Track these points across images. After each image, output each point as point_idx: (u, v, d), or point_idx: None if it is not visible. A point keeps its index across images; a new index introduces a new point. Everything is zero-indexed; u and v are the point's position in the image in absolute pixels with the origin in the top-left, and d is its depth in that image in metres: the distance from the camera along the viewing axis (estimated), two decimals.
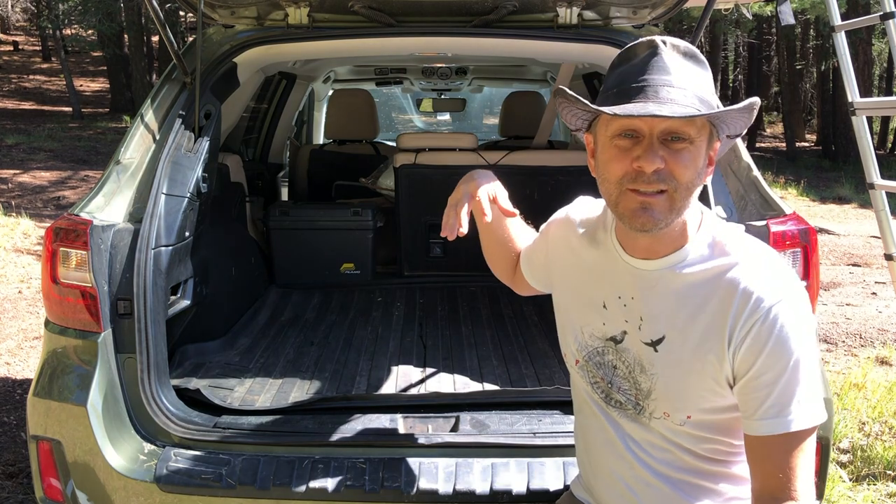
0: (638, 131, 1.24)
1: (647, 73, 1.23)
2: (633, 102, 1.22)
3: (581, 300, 1.48)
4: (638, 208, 1.25)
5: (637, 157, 1.23)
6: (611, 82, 1.30)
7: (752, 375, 1.23)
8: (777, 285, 1.25)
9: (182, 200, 2.29)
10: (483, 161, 3.73)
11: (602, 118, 1.29)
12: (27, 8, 19.35)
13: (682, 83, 1.23)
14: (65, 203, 9.71)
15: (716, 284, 1.28)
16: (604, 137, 1.29)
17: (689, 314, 1.30)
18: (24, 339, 4.87)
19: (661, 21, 2.56)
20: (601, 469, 1.49)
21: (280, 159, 4.84)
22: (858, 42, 16.25)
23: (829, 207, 12.02)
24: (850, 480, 3.09)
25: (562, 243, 1.56)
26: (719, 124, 1.28)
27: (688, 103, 1.21)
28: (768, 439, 1.23)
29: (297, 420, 2.10)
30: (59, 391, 2.02)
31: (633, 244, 1.37)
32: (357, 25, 2.56)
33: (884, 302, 5.92)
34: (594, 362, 1.45)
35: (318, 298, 3.51)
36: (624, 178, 1.25)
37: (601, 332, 1.43)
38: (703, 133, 1.25)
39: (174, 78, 2.45)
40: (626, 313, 1.38)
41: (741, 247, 1.31)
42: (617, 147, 1.26)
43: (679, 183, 1.23)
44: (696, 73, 1.26)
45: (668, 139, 1.23)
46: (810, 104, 26.35)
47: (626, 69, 1.28)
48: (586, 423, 1.53)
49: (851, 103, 3.29)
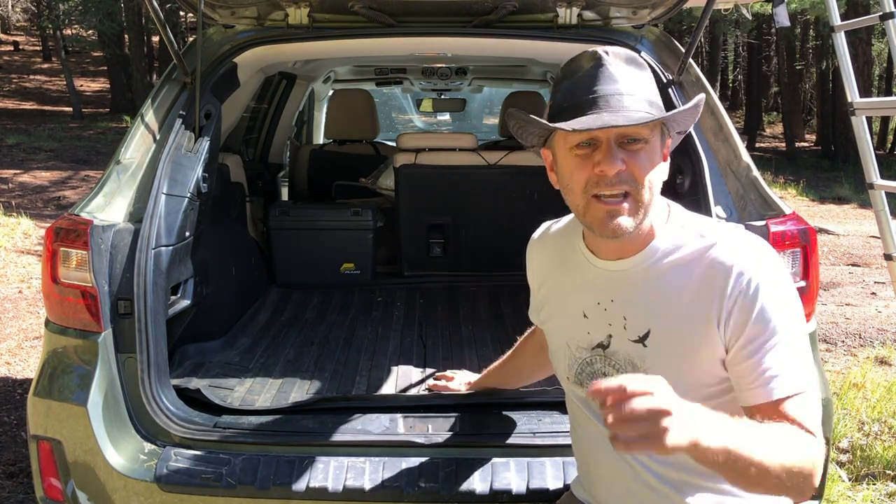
0: (595, 139, 1.30)
1: (597, 85, 1.30)
2: (588, 115, 1.28)
3: (564, 318, 1.51)
4: (605, 217, 1.30)
5: (598, 161, 1.28)
6: (560, 97, 1.36)
7: (742, 344, 1.26)
8: (755, 256, 1.29)
9: (182, 200, 2.29)
10: (483, 161, 3.73)
11: (559, 132, 1.33)
12: (27, 8, 19.36)
13: (631, 90, 1.30)
14: (65, 203, 9.71)
15: (693, 268, 1.32)
16: (563, 150, 1.35)
17: (669, 303, 1.33)
18: (24, 339, 4.87)
19: (661, 21, 2.56)
20: (601, 474, 1.50)
21: (280, 159, 4.84)
22: (858, 42, 16.23)
23: (829, 207, 12.02)
24: (849, 480, 3.10)
25: (540, 269, 1.62)
26: (670, 123, 1.35)
27: (639, 108, 1.28)
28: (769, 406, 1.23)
29: (297, 420, 2.10)
30: (60, 391, 2.02)
31: (603, 248, 1.41)
32: (357, 25, 2.56)
33: (883, 302, 5.92)
34: (586, 373, 1.46)
35: (318, 298, 3.51)
36: (588, 184, 1.30)
37: (587, 342, 1.45)
38: (656, 132, 1.32)
39: (174, 78, 2.45)
40: (608, 317, 1.41)
41: (714, 229, 1.37)
42: (578, 157, 1.31)
43: (639, 183, 1.29)
44: (641, 77, 1.34)
45: (624, 142, 1.29)
46: (810, 104, 26.34)
47: (574, 83, 1.33)
48: (583, 431, 1.54)
49: (851, 103, 3.29)
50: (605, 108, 1.27)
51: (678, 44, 2.58)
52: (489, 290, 3.59)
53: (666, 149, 1.37)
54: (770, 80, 27.04)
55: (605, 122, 1.24)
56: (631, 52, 1.37)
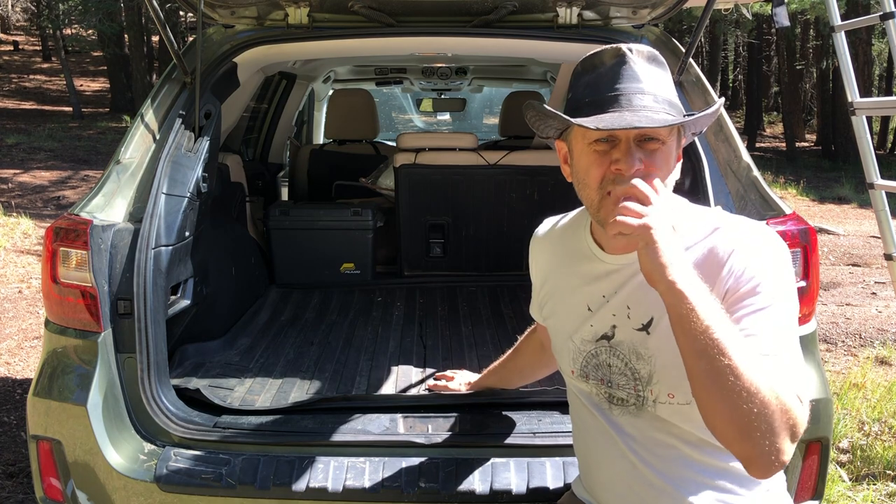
0: (614, 136, 1.30)
1: (619, 82, 1.30)
2: (610, 112, 1.28)
3: (568, 313, 1.51)
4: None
5: (616, 160, 1.29)
6: (581, 91, 1.35)
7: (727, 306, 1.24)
8: (756, 239, 1.31)
9: (182, 200, 2.29)
10: (483, 161, 3.73)
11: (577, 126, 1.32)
12: (27, 8, 19.34)
13: (652, 89, 1.30)
14: (65, 203, 9.72)
15: (694, 252, 1.32)
16: (580, 145, 1.34)
17: None
18: (24, 339, 4.87)
19: (661, 21, 2.56)
20: (602, 472, 1.50)
21: (280, 159, 4.85)
22: (858, 42, 16.24)
23: (829, 207, 12.02)
24: (849, 480, 3.10)
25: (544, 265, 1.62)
26: (688, 125, 1.35)
27: (659, 108, 1.28)
28: None
29: (297, 420, 2.10)
30: (60, 391, 2.02)
31: (611, 243, 1.41)
32: (357, 25, 2.56)
33: (883, 302, 5.92)
34: (591, 365, 1.46)
35: (318, 298, 3.51)
36: (604, 180, 1.30)
37: (591, 334, 1.45)
38: (673, 134, 1.33)
39: (174, 78, 2.45)
40: (612, 308, 1.41)
41: (715, 215, 1.39)
42: (596, 152, 1.31)
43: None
44: (662, 76, 1.34)
45: (642, 141, 1.29)
46: (810, 104, 26.34)
47: (595, 78, 1.33)
48: (585, 428, 1.54)
49: (851, 103, 3.29)
50: (628, 107, 1.27)
51: (678, 44, 2.58)
52: (489, 290, 3.59)
53: (680, 149, 1.38)
54: (770, 80, 27.06)
55: (628, 122, 1.24)
56: (653, 51, 1.36)
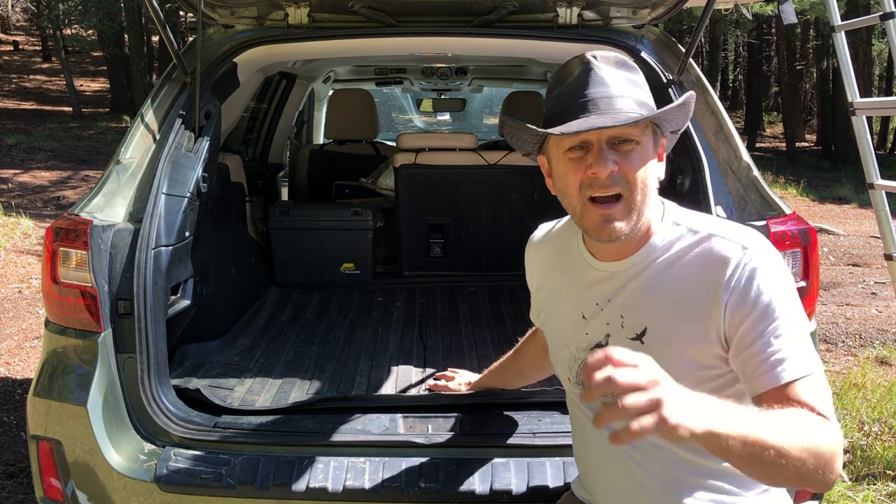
0: (587, 142, 1.31)
1: (587, 89, 1.32)
2: (578, 118, 1.29)
3: (563, 320, 1.52)
4: (601, 221, 1.32)
5: (590, 164, 1.30)
6: (552, 103, 1.38)
7: (743, 332, 1.25)
8: (750, 247, 1.30)
9: (182, 200, 2.29)
10: (483, 161, 3.73)
11: (553, 138, 1.35)
12: (27, 8, 19.34)
13: (619, 91, 1.32)
14: (65, 203, 9.72)
15: (688, 262, 1.33)
16: (557, 155, 1.36)
17: (665, 298, 1.34)
18: (24, 339, 4.87)
19: (661, 21, 2.56)
20: (601, 474, 1.51)
21: (280, 159, 4.85)
22: (858, 42, 16.23)
23: (829, 207, 12.02)
24: (849, 480, 3.10)
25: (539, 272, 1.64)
26: (661, 122, 1.36)
27: (628, 109, 1.30)
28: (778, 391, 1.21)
29: (297, 420, 2.10)
30: (60, 391, 2.02)
31: (602, 250, 1.43)
32: (357, 25, 2.56)
33: (883, 302, 5.92)
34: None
35: (318, 298, 3.51)
36: (582, 186, 1.32)
37: (586, 342, 1.46)
38: (647, 132, 1.33)
39: (174, 78, 2.45)
40: (606, 316, 1.42)
41: (707, 223, 1.38)
42: (571, 160, 1.33)
43: (632, 184, 1.30)
44: (630, 79, 1.35)
45: (615, 143, 1.30)
46: (810, 104, 26.32)
47: (565, 89, 1.35)
48: (583, 432, 1.54)
49: (851, 103, 3.29)
50: (595, 112, 1.29)
51: (678, 44, 2.58)
52: (489, 290, 3.59)
53: (661, 149, 1.39)
54: (770, 80, 27.04)
55: (592, 124, 1.26)
56: (619, 55, 1.39)
